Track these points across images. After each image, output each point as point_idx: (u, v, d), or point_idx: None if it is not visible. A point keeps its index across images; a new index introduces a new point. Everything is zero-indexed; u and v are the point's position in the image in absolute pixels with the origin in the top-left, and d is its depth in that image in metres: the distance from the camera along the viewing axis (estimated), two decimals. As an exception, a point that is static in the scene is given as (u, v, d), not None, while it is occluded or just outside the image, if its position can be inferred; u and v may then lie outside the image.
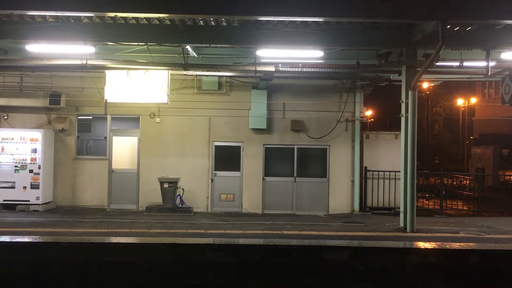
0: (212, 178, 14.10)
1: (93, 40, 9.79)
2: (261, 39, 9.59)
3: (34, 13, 8.84)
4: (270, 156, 14.27)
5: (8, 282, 7.54)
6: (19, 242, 7.70)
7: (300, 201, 14.11)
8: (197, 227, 9.86)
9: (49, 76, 13.80)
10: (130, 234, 8.84)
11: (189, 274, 7.72)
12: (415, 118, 9.55)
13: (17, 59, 11.17)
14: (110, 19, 9.47)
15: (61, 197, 13.92)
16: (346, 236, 8.76)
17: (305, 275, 7.69)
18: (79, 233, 8.87)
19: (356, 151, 14.09)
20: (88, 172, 14.05)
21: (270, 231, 9.28)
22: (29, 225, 9.98)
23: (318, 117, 13.91)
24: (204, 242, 7.74)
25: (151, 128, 14.06)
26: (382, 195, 14.05)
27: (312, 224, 11.07)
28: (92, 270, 7.65)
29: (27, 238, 7.86)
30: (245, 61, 11.78)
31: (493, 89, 29.80)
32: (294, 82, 13.85)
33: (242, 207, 14.06)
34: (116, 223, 10.61)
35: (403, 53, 9.78)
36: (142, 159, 14.06)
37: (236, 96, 14.00)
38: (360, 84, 13.93)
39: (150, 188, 13.80)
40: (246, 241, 7.90)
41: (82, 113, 14.15)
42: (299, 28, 9.36)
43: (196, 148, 14.07)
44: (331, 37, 9.53)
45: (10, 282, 7.53)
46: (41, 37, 9.48)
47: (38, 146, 13.08)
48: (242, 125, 14.08)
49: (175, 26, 9.62)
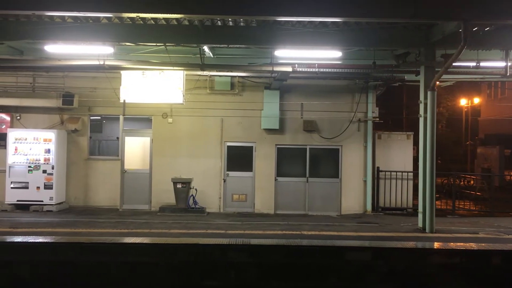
0: (225, 178, 14.10)
1: (111, 41, 9.80)
2: (279, 39, 9.60)
3: (53, 14, 8.84)
4: (282, 157, 14.26)
5: (32, 283, 7.54)
6: (42, 242, 7.71)
7: (312, 202, 14.10)
8: (216, 227, 9.86)
9: (62, 76, 13.80)
10: (150, 234, 8.84)
11: (211, 274, 7.73)
12: (434, 118, 9.55)
13: (35, 60, 11.18)
14: (129, 20, 9.47)
15: (73, 197, 13.93)
16: (366, 237, 8.75)
17: (327, 276, 7.69)
18: (100, 233, 8.86)
19: (369, 152, 14.08)
20: (101, 172, 14.04)
21: (290, 232, 9.27)
22: (47, 225, 9.98)
23: (331, 117, 13.90)
24: (226, 243, 7.74)
25: (164, 128, 14.05)
26: (395, 196, 14.05)
27: (328, 224, 11.07)
28: (114, 270, 7.65)
29: (49, 239, 7.86)
30: (259, 61, 11.79)
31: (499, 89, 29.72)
32: (307, 83, 13.83)
33: (254, 207, 14.05)
34: (132, 223, 10.61)
35: (421, 53, 9.78)
36: (155, 159, 14.06)
37: (249, 96, 14.00)
38: (372, 84, 13.92)
39: (162, 189, 13.79)
40: (267, 241, 7.91)
41: (94, 113, 14.15)
42: (318, 28, 9.36)
43: (208, 148, 14.07)
44: (349, 37, 9.53)
45: (34, 282, 7.53)
46: (59, 38, 9.48)
47: (52, 147, 13.08)
48: (254, 126, 14.08)
49: (193, 26, 9.62)
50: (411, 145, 14.52)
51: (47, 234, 8.40)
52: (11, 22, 9.49)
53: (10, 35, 9.53)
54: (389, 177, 14.09)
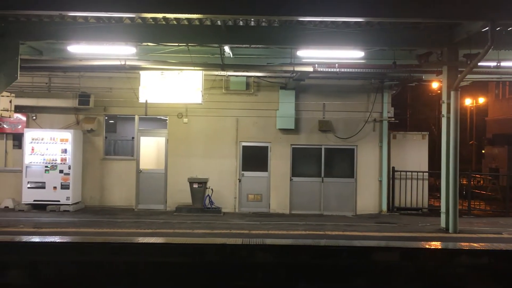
0: (240, 178, 14.10)
1: (134, 41, 9.81)
2: (302, 39, 9.60)
3: (79, 14, 8.86)
4: (298, 157, 14.26)
5: (60, 283, 7.53)
6: (69, 243, 7.71)
7: (327, 202, 14.09)
8: (238, 227, 9.88)
9: (78, 76, 13.82)
10: (174, 234, 8.86)
11: (238, 274, 7.70)
12: (458, 118, 9.55)
13: (56, 60, 11.19)
14: (151, 20, 9.47)
15: (89, 197, 13.93)
16: (391, 237, 8.77)
17: (354, 276, 7.67)
18: (126, 233, 8.88)
19: (384, 151, 14.07)
20: (116, 172, 14.05)
21: (313, 232, 9.29)
22: (69, 225, 10.01)
23: (346, 117, 13.90)
24: (253, 243, 7.72)
25: (179, 128, 14.06)
26: (410, 196, 14.03)
27: (349, 224, 11.08)
28: (142, 270, 7.64)
29: (76, 239, 7.86)
30: (277, 61, 11.81)
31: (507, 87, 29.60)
32: (322, 82, 13.82)
33: (270, 207, 14.05)
34: (153, 223, 10.63)
35: (443, 53, 9.78)
36: (170, 159, 14.06)
37: (264, 96, 14.00)
38: (388, 84, 13.92)
39: (178, 189, 13.80)
40: (295, 242, 7.91)
41: (110, 113, 14.16)
42: (340, 28, 9.35)
43: (223, 148, 14.08)
44: (372, 37, 9.53)
45: (62, 283, 7.53)
46: (82, 38, 9.50)
47: (68, 147, 13.10)
48: (270, 125, 14.08)
49: (215, 26, 9.63)
50: (426, 145, 14.51)
51: (73, 234, 8.41)
52: (34, 23, 9.51)
53: (34, 36, 9.56)
54: (404, 177, 14.08)
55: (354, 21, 9.12)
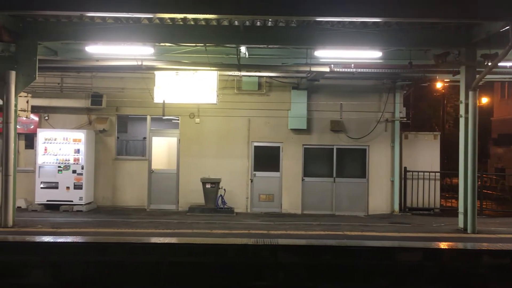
0: (252, 178, 14.10)
1: (152, 41, 9.82)
2: (319, 39, 9.61)
3: (96, 15, 8.86)
4: (309, 157, 14.26)
5: (82, 284, 7.55)
6: (91, 243, 7.72)
7: (339, 202, 14.09)
8: (256, 227, 9.89)
9: (90, 76, 13.82)
10: (193, 234, 8.87)
11: (259, 275, 7.73)
12: (476, 118, 9.55)
13: (73, 61, 11.21)
14: (169, 21, 9.48)
15: (101, 197, 13.94)
16: (410, 238, 8.77)
17: (376, 277, 7.68)
18: (145, 233, 8.89)
19: (396, 152, 14.07)
20: (128, 172, 14.06)
21: (332, 232, 9.29)
22: (86, 225, 10.01)
23: (358, 117, 13.89)
24: (274, 243, 7.74)
25: (191, 128, 14.06)
26: (422, 196, 14.02)
27: (363, 224, 11.10)
28: (163, 271, 7.66)
29: (98, 239, 7.87)
30: (292, 61, 11.83)
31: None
32: (334, 83, 13.81)
33: (282, 207, 14.05)
34: (168, 223, 10.64)
35: (461, 53, 9.78)
36: (182, 159, 14.06)
37: (276, 97, 14.00)
38: (400, 85, 13.92)
39: (190, 189, 13.81)
40: (315, 242, 7.92)
41: (122, 113, 14.16)
42: (358, 28, 9.35)
43: (235, 148, 14.08)
44: (389, 37, 9.54)
45: (84, 283, 7.55)
46: (101, 38, 9.50)
47: (81, 147, 13.10)
48: (281, 126, 14.08)
49: (233, 26, 9.64)
50: (438, 145, 14.51)
51: (93, 234, 8.42)
52: (52, 23, 9.51)
53: (51, 36, 9.57)
54: (416, 177, 14.08)
55: (372, 21, 9.12)
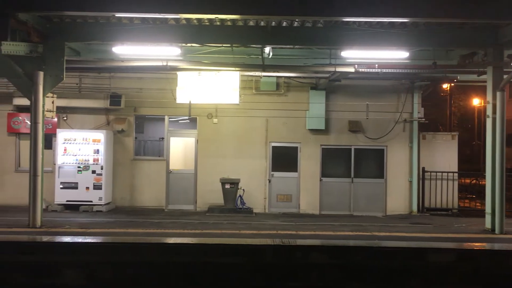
0: (270, 178, 14.11)
1: (179, 42, 9.83)
2: (346, 40, 9.61)
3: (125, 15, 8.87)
4: (327, 157, 14.25)
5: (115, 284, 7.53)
6: (125, 243, 7.72)
7: (357, 202, 14.09)
8: (281, 228, 9.91)
9: (108, 77, 13.83)
10: (223, 235, 8.87)
11: (292, 275, 7.71)
12: (504, 118, 9.54)
13: (96, 61, 11.23)
14: (196, 21, 9.48)
15: (120, 197, 13.94)
16: (440, 238, 8.79)
17: (408, 277, 7.66)
18: (176, 234, 8.88)
19: (414, 152, 14.06)
20: (146, 172, 14.06)
21: (360, 232, 9.30)
22: (110, 225, 10.01)
23: (376, 117, 13.88)
24: (308, 244, 7.74)
25: (209, 128, 14.06)
26: (440, 196, 14.01)
27: (385, 225, 11.11)
28: (196, 271, 7.64)
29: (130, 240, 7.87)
30: (313, 61, 11.82)
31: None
32: (352, 83, 13.78)
33: (300, 208, 14.06)
34: (190, 223, 10.64)
35: (488, 53, 9.78)
36: (200, 160, 14.06)
37: (294, 97, 14.00)
38: (418, 85, 13.91)
39: (207, 189, 13.81)
40: (347, 243, 7.91)
41: (140, 114, 14.16)
42: (385, 28, 9.35)
43: (253, 148, 14.08)
44: (416, 38, 9.55)
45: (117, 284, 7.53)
46: (127, 39, 9.51)
47: (101, 147, 13.10)
48: (299, 126, 14.08)
49: (259, 27, 9.65)
50: (456, 145, 14.50)
51: (123, 235, 8.42)
52: (79, 24, 9.52)
53: (78, 37, 9.60)
54: (434, 178, 14.07)
55: (400, 21, 9.13)
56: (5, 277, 7.53)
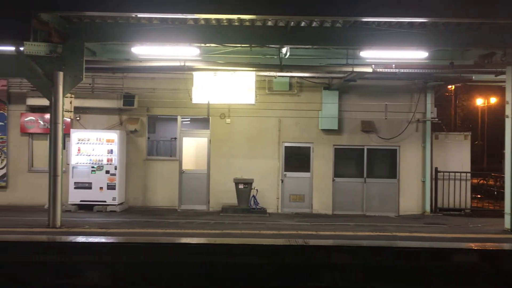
0: (282, 178, 14.11)
1: (197, 42, 9.83)
2: (365, 40, 9.59)
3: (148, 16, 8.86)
4: (340, 157, 14.25)
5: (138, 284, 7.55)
6: (149, 243, 7.73)
7: (369, 202, 14.09)
8: (300, 228, 9.92)
9: (121, 77, 13.84)
10: (243, 235, 8.87)
11: (316, 275, 7.71)
12: (523, 118, 9.55)
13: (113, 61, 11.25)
14: (215, 21, 9.48)
15: (132, 197, 13.94)
16: (461, 239, 8.78)
17: (431, 278, 7.67)
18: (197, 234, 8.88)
19: (427, 152, 14.06)
20: (158, 173, 14.06)
21: (380, 233, 9.30)
22: (127, 225, 10.02)
23: (389, 117, 13.87)
24: (331, 244, 7.76)
25: (221, 129, 14.06)
26: (453, 197, 14.01)
27: (401, 225, 11.10)
28: (219, 271, 7.65)
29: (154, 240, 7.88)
30: (329, 61, 11.83)
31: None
32: (366, 83, 13.76)
33: (312, 208, 14.05)
34: (206, 223, 10.66)
35: (507, 53, 9.77)
36: (213, 160, 14.06)
37: (306, 97, 14.00)
38: (431, 85, 13.91)
39: (220, 189, 13.82)
40: (370, 243, 7.91)
41: (153, 114, 14.16)
42: (405, 28, 9.35)
43: (266, 148, 14.08)
44: (435, 38, 9.52)
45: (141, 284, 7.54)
46: (146, 39, 9.51)
47: (114, 147, 13.10)
48: (312, 126, 14.08)
49: (278, 27, 9.64)
50: (468, 145, 14.49)
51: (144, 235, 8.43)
52: (98, 24, 9.52)
53: (97, 37, 9.60)
54: (447, 178, 14.06)
55: (419, 21, 9.13)
56: (29, 277, 7.57)
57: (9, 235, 8.11)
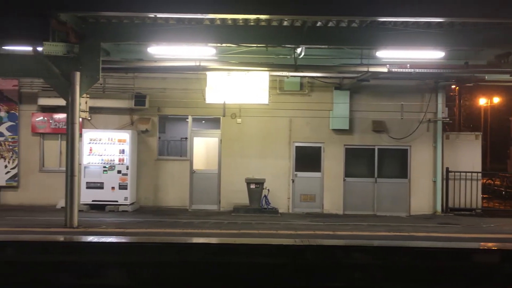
0: (293, 178, 14.10)
1: (214, 42, 9.82)
2: (381, 40, 9.59)
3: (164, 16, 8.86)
4: (351, 157, 14.25)
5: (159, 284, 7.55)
6: (169, 243, 7.73)
7: (380, 202, 14.09)
8: (317, 228, 9.91)
9: (132, 77, 13.84)
10: (260, 235, 8.86)
11: (334, 275, 7.71)
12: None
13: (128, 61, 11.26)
14: (231, 22, 9.48)
15: (143, 197, 13.94)
16: (480, 239, 8.77)
17: (451, 278, 7.66)
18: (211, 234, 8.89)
19: (438, 152, 14.05)
20: (169, 172, 14.06)
21: (397, 233, 9.30)
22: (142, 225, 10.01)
23: (400, 117, 13.85)
24: (350, 244, 7.75)
25: (232, 128, 14.06)
26: (464, 196, 14.01)
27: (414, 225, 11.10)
28: (241, 271, 7.65)
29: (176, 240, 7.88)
30: (342, 61, 11.82)
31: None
32: (377, 83, 13.71)
33: (323, 208, 14.05)
34: (219, 223, 10.66)
35: (523, 53, 9.81)
36: (223, 160, 14.06)
37: (317, 97, 13.99)
38: (442, 85, 13.90)
39: (231, 189, 13.82)
40: (389, 243, 7.91)
41: (164, 114, 14.16)
42: (421, 28, 9.34)
43: (276, 148, 14.08)
44: (452, 38, 9.50)
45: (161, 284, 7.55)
46: (162, 39, 9.50)
47: (126, 147, 13.11)
48: (323, 126, 14.08)
49: (294, 27, 9.64)
50: (479, 145, 14.48)
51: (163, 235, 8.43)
52: (114, 24, 9.51)
53: (114, 37, 9.59)
54: (458, 178, 14.07)
55: (436, 21, 9.12)
56: (49, 277, 7.58)
57: (28, 235, 8.10)
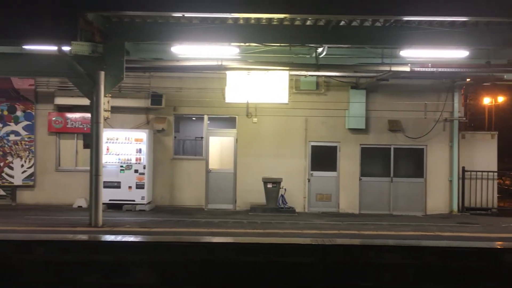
0: (309, 178, 14.09)
1: (237, 41, 9.80)
2: (405, 39, 9.55)
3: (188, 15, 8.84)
4: (367, 156, 14.23)
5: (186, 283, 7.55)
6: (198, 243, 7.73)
7: (396, 201, 14.08)
8: (340, 227, 9.91)
9: (148, 76, 13.82)
10: (286, 234, 8.85)
11: (364, 275, 7.71)
12: None
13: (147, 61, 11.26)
14: (254, 21, 9.46)
15: (160, 196, 13.94)
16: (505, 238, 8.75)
17: (480, 278, 7.65)
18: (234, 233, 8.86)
19: (455, 151, 14.03)
20: (185, 172, 14.05)
21: (422, 232, 9.28)
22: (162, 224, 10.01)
23: (416, 117, 13.84)
24: (379, 244, 7.74)
25: (248, 128, 14.04)
26: (480, 196, 14.00)
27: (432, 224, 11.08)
28: (267, 270, 7.64)
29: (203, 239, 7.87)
30: (362, 60, 11.80)
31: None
32: (394, 82, 13.66)
33: (339, 207, 14.05)
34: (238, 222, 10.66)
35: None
36: (239, 159, 14.04)
37: (333, 96, 13.98)
38: (459, 84, 13.88)
39: (247, 188, 13.81)
40: (418, 243, 7.91)
41: (180, 113, 14.15)
42: (445, 27, 9.32)
43: (292, 148, 14.06)
44: (476, 37, 9.48)
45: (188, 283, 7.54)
46: (186, 39, 9.48)
47: (143, 146, 13.10)
48: (339, 125, 14.07)
49: (317, 26, 9.61)
50: (495, 144, 14.43)
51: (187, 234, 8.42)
52: (138, 24, 9.49)
53: (137, 37, 9.58)
54: (474, 177, 14.05)
55: (461, 20, 9.10)
56: (76, 277, 7.58)
57: (55, 235, 8.10)
